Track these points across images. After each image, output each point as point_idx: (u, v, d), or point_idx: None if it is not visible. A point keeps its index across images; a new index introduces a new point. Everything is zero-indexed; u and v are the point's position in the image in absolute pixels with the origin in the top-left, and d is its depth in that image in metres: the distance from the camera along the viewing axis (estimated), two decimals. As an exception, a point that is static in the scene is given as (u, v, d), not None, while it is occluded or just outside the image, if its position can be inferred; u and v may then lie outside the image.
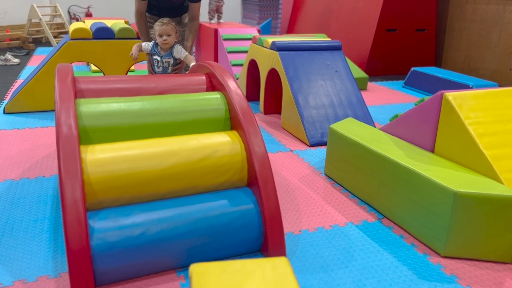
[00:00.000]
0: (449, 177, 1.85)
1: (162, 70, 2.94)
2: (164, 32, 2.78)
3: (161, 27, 2.77)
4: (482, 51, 5.77)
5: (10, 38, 7.17)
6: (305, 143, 3.15)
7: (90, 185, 1.60)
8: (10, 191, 2.28)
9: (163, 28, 2.77)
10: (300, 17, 7.74)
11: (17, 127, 3.28)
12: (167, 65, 2.91)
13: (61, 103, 1.71)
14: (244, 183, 1.87)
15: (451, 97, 2.03)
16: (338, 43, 3.70)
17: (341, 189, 2.44)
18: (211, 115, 1.98)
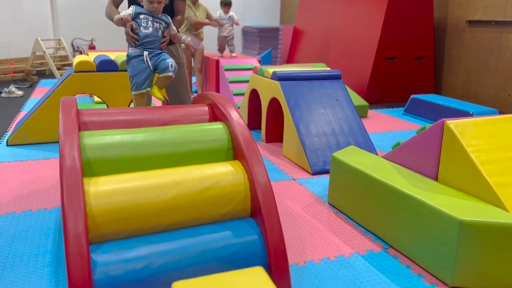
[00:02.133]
0: (454, 205, 1.84)
1: (152, 31, 2.58)
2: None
3: None
4: (481, 78, 5.83)
5: (14, 70, 7.28)
6: (308, 171, 3.15)
7: (93, 218, 1.59)
8: (12, 224, 2.27)
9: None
10: (300, 46, 7.87)
11: (20, 159, 3.29)
12: (159, 26, 2.61)
13: (65, 136, 1.72)
14: (247, 214, 1.86)
15: (453, 125, 2.04)
16: (338, 72, 3.75)
17: (345, 218, 2.42)
18: (214, 145, 1.99)
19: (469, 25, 5.95)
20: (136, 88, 2.61)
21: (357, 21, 6.37)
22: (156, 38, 2.59)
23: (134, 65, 2.60)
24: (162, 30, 2.63)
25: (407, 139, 2.44)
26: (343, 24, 6.69)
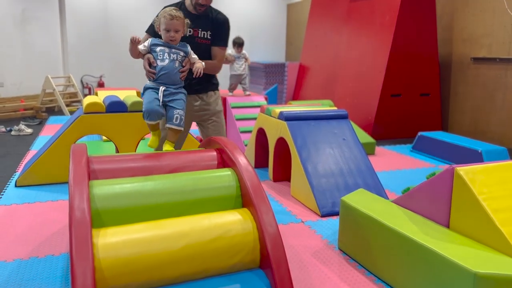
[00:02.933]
0: (467, 255, 1.80)
1: (169, 63, 2.37)
2: (173, 27, 2.34)
3: (170, 20, 2.32)
4: (488, 115, 5.84)
5: (24, 108, 7.40)
6: (316, 213, 3.12)
7: (101, 271, 1.58)
8: (19, 272, 2.25)
9: (172, 22, 2.33)
10: (306, 82, 7.96)
11: (28, 201, 3.30)
12: (176, 57, 2.39)
13: (75, 186, 1.73)
14: (256, 264, 1.83)
15: (463, 172, 2.03)
16: (345, 112, 3.77)
17: (356, 265, 2.38)
18: (223, 193, 1.98)
19: (473, 62, 6.01)
20: (146, 118, 2.39)
21: (363, 57, 6.46)
22: (172, 70, 2.38)
23: (148, 94, 2.39)
24: (180, 61, 2.42)
25: (416, 182, 2.42)
26: (349, 60, 6.78)
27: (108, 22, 9.17)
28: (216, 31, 2.73)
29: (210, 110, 2.87)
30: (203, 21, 2.70)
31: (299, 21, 10.20)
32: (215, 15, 2.74)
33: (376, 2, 6.29)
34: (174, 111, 2.38)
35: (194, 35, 2.70)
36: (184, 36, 2.55)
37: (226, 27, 2.78)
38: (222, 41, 2.78)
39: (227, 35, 2.81)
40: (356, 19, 6.73)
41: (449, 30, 6.38)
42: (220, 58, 2.80)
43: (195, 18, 2.67)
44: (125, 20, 9.13)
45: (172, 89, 2.38)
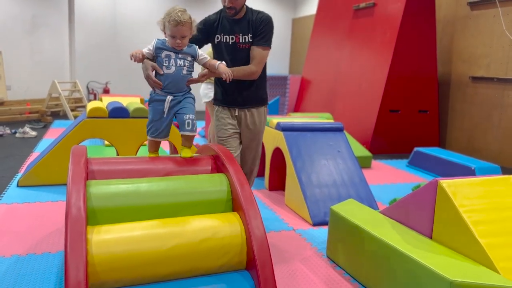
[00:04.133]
0: (446, 265, 1.87)
1: (175, 71, 2.21)
2: (179, 33, 2.16)
3: (175, 27, 2.14)
4: (485, 133, 5.92)
5: (30, 111, 7.53)
6: (308, 222, 3.19)
7: (93, 266, 1.66)
8: (16, 267, 2.33)
9: (178, 29, 2.14)
10: (307, 96, 8.07)
11: (29, 200, 3.39)
12: (183, 63, 2.23)
13: (73, 185, 1.82)
14: (243, 266, 1.91)
15: (446, 184, 2.11)
16: (340, 125, 3.86)
17: (343, 272, 2.45)
18: (214, 197, 2.07)
19: (472, 81, 6.11)
20: (152, 135, 2.32)
21: (363, 73, 6.57)
22: (179, 79, 2.23)
23: (154, 109, 2.28)
24: (188, 66, 2.26)
25: (404, 195, 2.49)
26: (349, 75, 6.89)
27: (116, 30, 9.34)
28: (255, 31, 2.53)
29: (254, 130, 2.68)
30: (242, 25, 2.54)
31: (303, 35, 10.36)
32: (255, 15, 2.55)
33: (378, 19, 6.42)
34: (184, 116, 2.25)
35: (236, 41, 2.54)
36: (227, 43, 2.54)
37: (265, 25, 2.53)
38: (260, 40, 2.52)
39: (267, 34, 2.54)
40: (357, 35, 6.85)
41: (449, 49, 6.49)
42: (258, 60, 2.52)
43: (234, 23, 2.54)
44: (133, 29, 9.30)
45: (179, 98, 2.26)
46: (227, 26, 2.55)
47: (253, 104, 2.66)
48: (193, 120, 2.27)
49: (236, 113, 2.65)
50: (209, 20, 2.60)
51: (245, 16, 2.55)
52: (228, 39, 2.55)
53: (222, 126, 2.68)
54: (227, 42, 2.55)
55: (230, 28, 2.54)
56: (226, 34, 2.56)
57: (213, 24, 2.58)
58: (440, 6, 6.58)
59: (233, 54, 2.55)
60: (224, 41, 2.57)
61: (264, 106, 2.72)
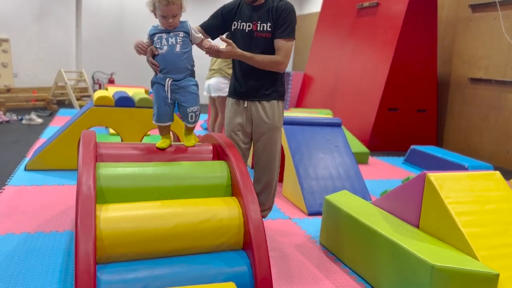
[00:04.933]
0: (429, 251, 2.00)
1: (168, 49, 2.16)
2: (170, 12, 2.11)
3: (166, 6, 2.09)
4: (481, 133, 6.03)
5: (36, 99, 7.67)
6: (304, 212, 3.33)
7: (101, 241, 1.79)
8: (26, 243, 2.47)
9: (169, 8, 2.09)
10: (309, 92, 8.18)
11: (36, 183, 3.53)
12: (175, 41, 2.16)
13: (83, 166, 1.95)
14: (240, 246, 2.04)
15: (433, 177, 2.23)
16: (339, 120, 3.99)
17: (334, 258, 2.58)
18: (215, 182, 2.19)
19: (471, 82, 6.21)
20: (156, 120, 2.28)
21: (364, 71, 6.68)
22: (174, 56, 2.16)
23: (156, 92, 2.24)
24: (181, 44, 2.18)
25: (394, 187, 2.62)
26: (350, 73, 7.00)
27: (123, 21, 9.46)
28: (276, 21, 2.38)
29: (268, 124, 2.50)
30: (262, 13, 2.40)
31: (308, 32, 10.45)
32: (276, 3, 2.40)
33: (380, 19, 6.53)
34: (187, 109, 2.23)
35: (253, 29, 2.42)
36: (243, 31, 2.42)
37: (288, 15, 2.38)
38: (284, 31, 2.38)
39: (290, 24, 2.39)
40: (360, 34, 6.96)
41: (449, 50, 6.59)
42: (284, 52, 2.38)
43: (253, 10, 2.42)
44: (138, 20, 9.42)
45: (179, 81, 2.18)
46: (245, 12, 2.43)
47: (263, 96, 2.49)
48: (197, 112, 2.25)
49: (246, 104, 2.51)
50: (227, 7, 2.49)
51: (265, 3, 2.41)
52: (244, 27, 2.42)
53: (230, 121, 2.60)
54: (243, 30, 2.42)
55: (248, 15, 2.42)
56: (243, 21, 2.44)
57: (231, 11, 2.47)
58: (442, 7, 6.68)
59: (249, 43, 2.41)
60: (240, 28, 2.44)
61: (277, 100, 2.52)
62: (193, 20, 2.35)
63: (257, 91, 2.49)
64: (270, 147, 2.55)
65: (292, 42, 2.42)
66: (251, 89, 2.49)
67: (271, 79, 2.49)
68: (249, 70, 2.44)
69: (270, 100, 2.50)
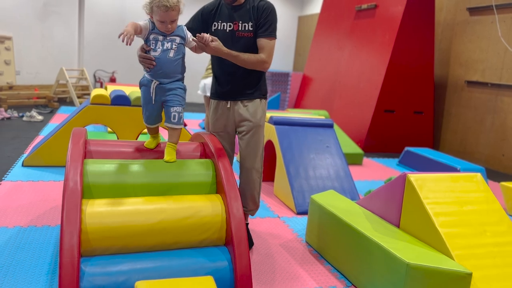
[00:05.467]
0: (405, 250, 2.06)
1: (161, 53, 2.14)
2: (169, 18, 2.08)
3: (165, 12, 2.06)
4: (477, 136, 6.07)
5: (38, 96, 7.76)
6: (293, 211, 3.38)
7: (86, 234, 1.86)
8: (18, 236, 2.54)
9: (168, 14, 2.06)
10: (307, 93, 8.24)
11: (32, 179, 3.61)
12: (170, 46, 2.15)
13: (71, 162, 2.02)
14: (222, 242, 2.10)
15: (413, 178, 2.29)
16: (331, 121, 4.04)
17: (318, 256, 2.64)
18: (199, 179, 2.25)
19: (467, 85, 6.25)
20: (144, 121, 2.33)
21: (361, 73, 6.73)
22: (166, 62, 2.14)
23: (144, 93, 2.25)
24: (176, 50, 2.16)
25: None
26: (348, 74, 7.05)
27: (125, 20, 9.54)
28: (258, 20, 2.40)
29: (251, 122, 2.51)
30: (242, 12, 2.41)
31: (309, 33, 10.51)
32: (256, 3, 2.42)
33: (378, 21, 6.57)
34: (170, 109, 2.20)
35: (234, 29, 2.42)
36: (224, 31, 2.41)
37: (270, 14, 2.40)
38: (266, 30, 2.39)
39: (272, 23, 2.41)
40: (358, 36, 7.01)
41: (447, 53, 6.63)
42: (268, 51, 2.40)
43: (233, 10, 2.43)
44: (140, 19, 9.49)
45: (166, 84, 2.18)
46: (225, 12, 2.43)
47: (246, 95, 2.50)
48: (180, 113, 2.21)
49: (229, 105, 2.53)
50: (206, 8, 2.49)
51: (245, 2, 2.42)
52: (225, 27, 2.42)
53: (213, 123, 2.63)
54: (224, 30, 2.42)
55: (228, 15, 2.42)
56: (223, 21, 2.43)
57: (211, 12, 2.47)
58: (441, 10, 6.71)
59: (230, 43, 2.39)
60: (221, 29, 2.44)
61: (260, 98, 2.54)
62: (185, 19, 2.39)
63: (240, 91, 2.50)
64: (252, 145, 2.54)
65: (275, 41, 2.43)
66: (233, 89, 2.50)
67: (254, 79, 2.50)
68: (232, 71, 2.45)
69: (253, 99, 2.52)
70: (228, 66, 2.45)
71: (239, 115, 2.52)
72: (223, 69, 2.50)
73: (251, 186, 2.58)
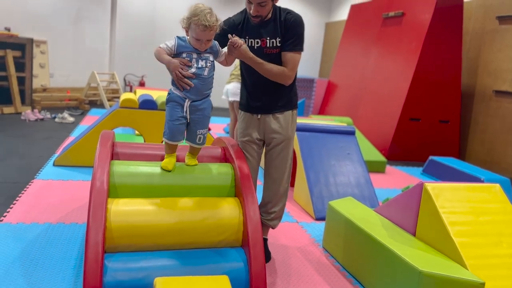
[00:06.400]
0: (419, 258, 2.08)
1: (197, 71, 2.09)
2: (206, 37, 2.04)
3: (203, 31, 2.01)
4: (505, 147, 5.95)
5: (69, 98, 8.06)
6: (312, 216, 3.43)
7: (110, 232, 1.97)
8: (47, 232, 2.69)
9: (205, 33, 2.02)
10: (332, 99, 8.25)
11: (62, 178, 3.77)
12: (205, 64, 2.11)
13: (99, 163, 2.14)
14: (239, 243, 2.17)
15: (430, 187, 2.31)
16: (352, 128, 4.07)
17: (334, 261, 2.68)
18: (219, 182, 2.34)
19: (495, 94, 6.14)
20: (167, 137, 2.21)
21: (387, 80, 6.71)
22: (201, 80, 2.11)
23: (172, 109, 2.16)
24: (209, 67, 2.14)
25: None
26: (374, 81, 7.04)
27: (155, 25, 9.79)
28: (284, 34, 2.31)
29: (281, 135, 2.46)
30: (270, 28, 2.32)
31: (335, 39, 10.51)
32: (283, 15, 2.31)
33: (405, 28, 6.55)
34: (197, 131, 2.21)
35: (262, 46, 2.35)
36: (252, 48, 2.34)
37: (296, 27, 2.31)
38: (291, 44, 2.31)
39: (299, 37, 2.33)
40: (385, 43, 6.99)
41: (475, 62, 6.54)
42: (292, 65, 2.33)
43: (261, 25, 2.33)
44: (170, 25, 9.73)
45: (197, 102, 2.15)
46: (253, 28, 2.33)
47: (277, 108, 2.44)
48: (205, 135, 2.24)
49: (259, 116, 2.48)
50: (232, 22, 2.40)
51: (272, 17, 2.32)
52: (253, 43, 2.35)
53: (242, 131, 2.57)
54: (252, 47, 2.35)
55: (256, 31, 2.33)
56: (251, 38, 2.35)
57: (237, 27, 2.38)
58: (470, 19, 6.63)
59: None
60: (248, 45, 2.36)
61: (291, 110, 2.49)
62: None
63: (271, 104, 2.43)
64: (281, 158, 2.50)
65: (300, 54, 2.35)
66: (264, 104, 2.44)
67: (285, 91, 2.43)
68: (262, 84, 2.40)
69: (284, 111, 2.46)
70: (257, 79, 2.38)
71: (269, 128, 2.46)
72: (253, 83, 2.43)
73: (277, 198, 2.55)
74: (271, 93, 2.41)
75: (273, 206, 2.57)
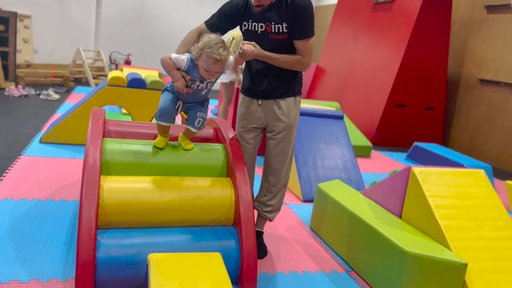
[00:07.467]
0: (405, 239, 2.15)
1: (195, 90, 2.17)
2: (215, 69, 2.07)
3: (214, 64, 2.03)
4: (487, 135, 6.09)
5: (54, 75, 7.91)
6: (300, 198, 3.48)
7: (103, 208, 1.98)
8: (36, 208, 2.68)
9: (216, 66, 2.04)
10: (320, 84, 8.28)
11: (49, 155, 3.74)
12: (205, 86, 2.17)
13: (91, 140, 2.13)
14: (230, 222, 2.21)
15: (417, 171, 2.37)
16: (341, 113, 4.11)
17: (321, 242, 2.74)
18: (211, 162, 2.35)
19: (480, 83, 6.25)
20: (158, 116, 2.21)
21: (375, 66, 6.75)
22: (197, 95, 2.21)
23: (166, 95, 2.23)
24: (208, 88, 2.21)
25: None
26: (362, 67, 7.08)
27: (143, 3, 9.61)
28: (293, 21, 2.16)
29: (283, 122, 2.35)
30: (275, 13, 2.16)
31: (324, 24, 10.49)
32: (290, 0, 2.15)
33: (394, 15, 6.57)
34: (197, 113, 2.22)
35: (267, 31, 2.20)
36: (255, 32, 2.24)
37: (305, 12, 2.15)
38: (302, 32, 2.18)
39: (308, 22, 2.18)
40: (374, 29, 7.01)
41: (462, 50, 6.62)
42: (307, 52, 2.22)
43: (264, 10, 2.18)
44: (159, 3, 9.57)
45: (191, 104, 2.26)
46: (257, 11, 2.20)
47: (280, 94, 2.33)
48: (204, 119, 2.25)
49: (260, 102, 2.37)
50: (235, 5, 2.25)
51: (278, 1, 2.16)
52: (256, 27, 2.21)
53: (240, 115, 2.48)
54: (255, 31, 2.22)
55: (260, 14, 2.18)
56: (255, 22, 2.22)
57: (240, 9, 2.24)
58: (458, 7, 6.69)
59: (262, 45, 2.18)
60: (252, 29, 2.24)
61: (294, 96, 2.36)
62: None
63: (274, 90, 2.32)
64: (283, 146, 2.38)
65: (313, 38, 2.22)
66: (267, 89, 2.33)
67: (288, 77, 2.32)
68: (265, 69, 2.30)
69: (287, 98, 2.34)
70: (261, 64, 2.30)
71: (271, 114, 2.35)
72: (256, 68, 2.34)
73: (276, 190, 2.44)
74: (273, 78, 2.31)
75: (271, 198, 2.45)
